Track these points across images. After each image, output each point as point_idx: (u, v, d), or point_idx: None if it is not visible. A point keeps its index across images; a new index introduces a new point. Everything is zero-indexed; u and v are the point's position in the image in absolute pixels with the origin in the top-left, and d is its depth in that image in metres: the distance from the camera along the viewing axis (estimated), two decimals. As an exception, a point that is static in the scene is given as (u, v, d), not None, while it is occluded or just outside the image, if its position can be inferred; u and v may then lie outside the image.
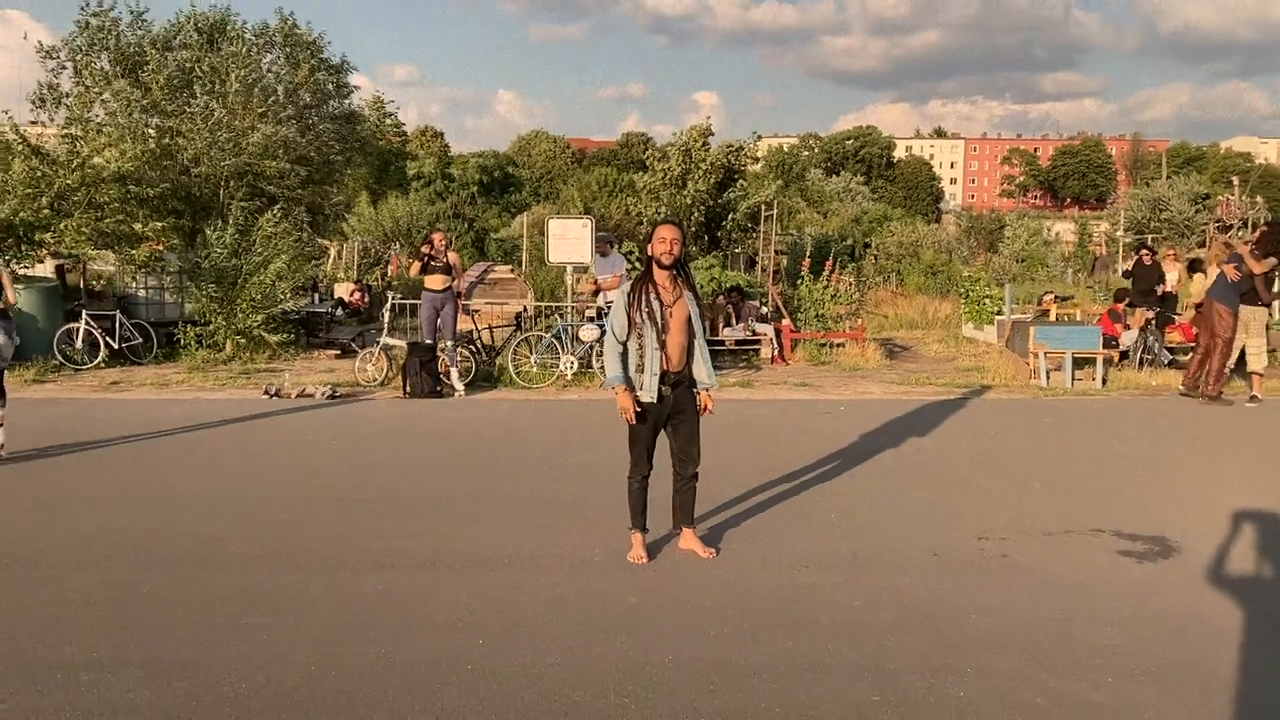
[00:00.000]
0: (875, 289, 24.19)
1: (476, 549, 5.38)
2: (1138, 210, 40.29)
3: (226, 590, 4.70)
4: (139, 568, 5.04)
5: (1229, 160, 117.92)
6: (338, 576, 4.90)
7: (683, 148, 24.68)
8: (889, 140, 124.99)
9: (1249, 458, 8.06)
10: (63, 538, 5.55)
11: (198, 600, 4.57)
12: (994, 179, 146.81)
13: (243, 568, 5.03)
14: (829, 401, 10.71)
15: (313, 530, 5.71)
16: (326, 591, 4.69)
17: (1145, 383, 11.82)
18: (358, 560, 5.15)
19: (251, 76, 15.24)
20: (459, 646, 4.04)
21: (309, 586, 4.76)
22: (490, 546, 5.42)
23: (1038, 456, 8.00)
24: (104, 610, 4.44)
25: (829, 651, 4.04)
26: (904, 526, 5.89)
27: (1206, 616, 4.49)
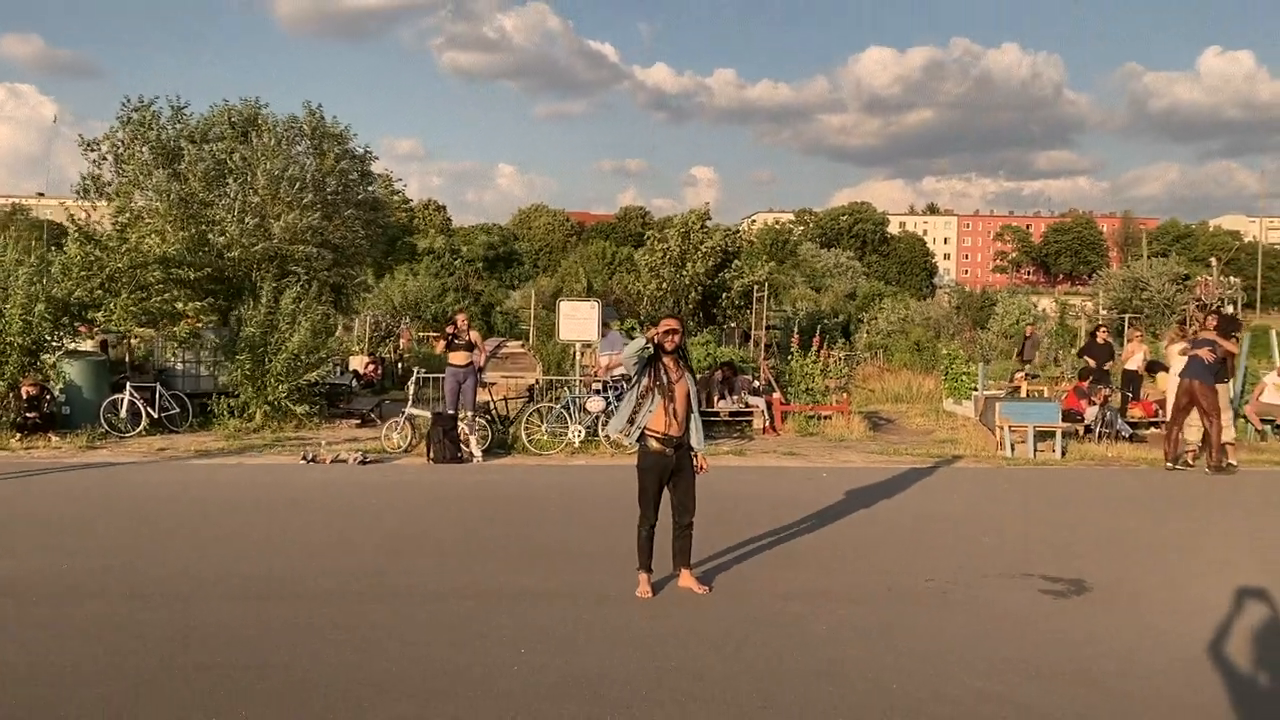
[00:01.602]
0: (864, 364, 25.42)
1: (522, 584, 6.49)
2: (1120, 290, 41.77)
3: (331, 595, 5.79)
4: (283, 599, 6.13)
5: (1218, 238, 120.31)
6: (413, 602, 5.98)
7: (682, 229, 26.14)
8: (883, 216, 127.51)
9: (1170, 510, 9.18)
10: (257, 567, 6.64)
11: (318, 594, 5.65)
12: (987, 255, 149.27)
13: (343, 589, 6.12)
14: (814, 469, 11.83)
15: (395, 570, 6.80)
16: (410, 611, 5.78)
17: (1101, 454, 12.98)
18: (434, 590, 6.25)
19: (280, 168, 16.61)
20: (511, 656, 5.13)
21: (396, 609, 5.85)
22: (531, 583, 6.52)
23: (990, 516, 9.12)
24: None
25: (798, 661, 5.13)
26: (867, 570, 6.99)
27: (1100, 637, 5.58)
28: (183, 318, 15.19)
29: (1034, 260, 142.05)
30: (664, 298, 25.22)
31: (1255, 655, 5.33)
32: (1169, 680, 4.96)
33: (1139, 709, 4.59)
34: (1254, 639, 5.62)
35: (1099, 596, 6.43)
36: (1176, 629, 5.78)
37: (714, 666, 5.04)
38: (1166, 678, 4.99)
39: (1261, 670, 5.10)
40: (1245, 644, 5.52)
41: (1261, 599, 6.42)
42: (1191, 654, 5.34)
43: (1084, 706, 4.59)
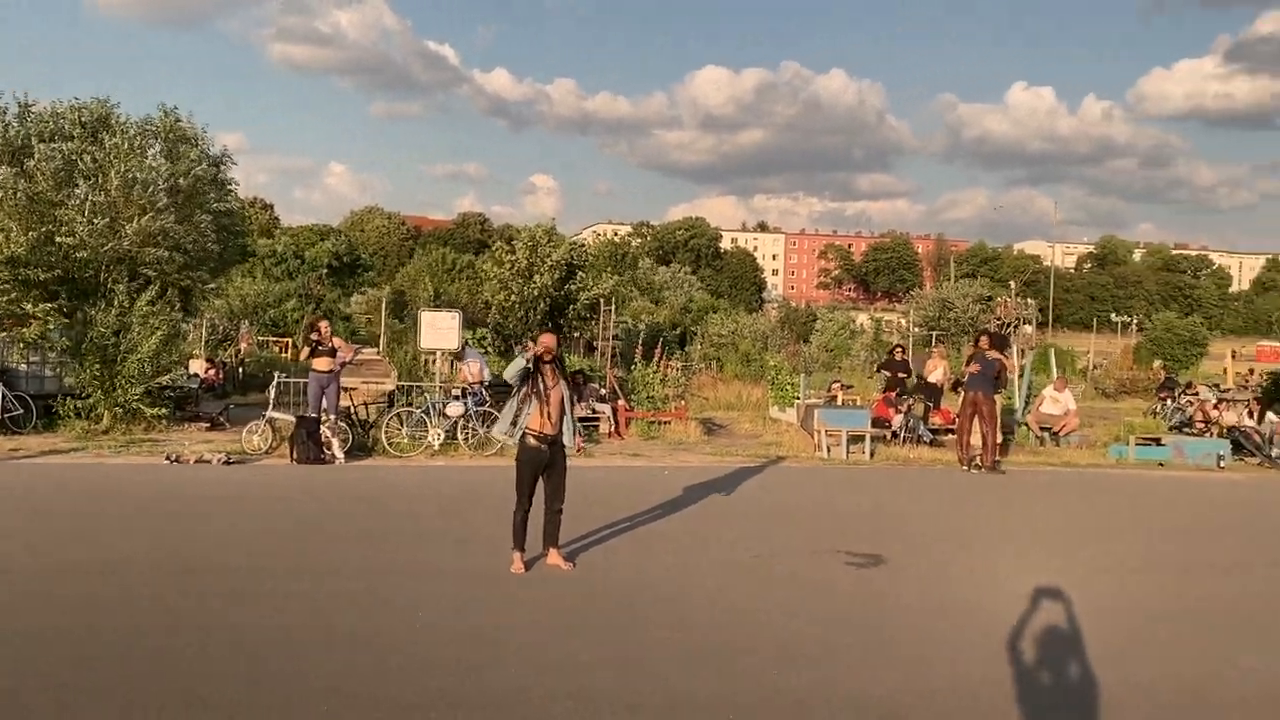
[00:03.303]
0: (699, 374, 27.05)
1: (410, 563, 7.39)
2: (929, 309, 45.34)
3: (249, 571, 6.52)
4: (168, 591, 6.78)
5: (1021, 261, 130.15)
6: (312, 579, 6.78)
7: (530, 242, 27.12)
8: (716, 232, 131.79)
9: (956, 502, 10.90)
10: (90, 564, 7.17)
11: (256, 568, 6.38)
12: (812, 272, 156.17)
13: (247, 567, 6.84)
14: (656, 468, 13.07)
15: (295, 551, 7.53)
16: (313, 589, 6.57)
17: (904, 456, 14.81)
18: (336, 568, 7.04)
19: (133, 170, 16.58)
20: (411, 618, 6.07)
21: (304, 583, 6.63)
22: (418, 562, 7.43)
23: (807, 505, 10.60)
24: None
25: (646, 617, 6.28)
26: (704, 548, 8.25)
27: (890, 595, 6.99)
28: (30, 319, 15.05)
29: (855, 278, 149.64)
30: (513, 308, 26.14)
31: (1023, 614, 6.84)
32: (947, 625, 6.39)
33: (919, 648, 5.97)
34: (1023, 602, 7.15)
35: (892, 566, 7.89)
36: (956, 591, 7.28)
37: (577, 624, 6.13)
38: (945, 626, 6.42)
39: (1027, 624, 6.59)
40: (1016, 606, 7.03)
41: (1029, 571, 8.04)
42: (966, 611, 6.82)
43: (876, 643, 5.94)
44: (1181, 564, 8.62)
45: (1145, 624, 6.60)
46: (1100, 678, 5.40)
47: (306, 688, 4.90)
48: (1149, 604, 7.15)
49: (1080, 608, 6.70)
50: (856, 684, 5.25)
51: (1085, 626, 6.30)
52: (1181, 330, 43.82)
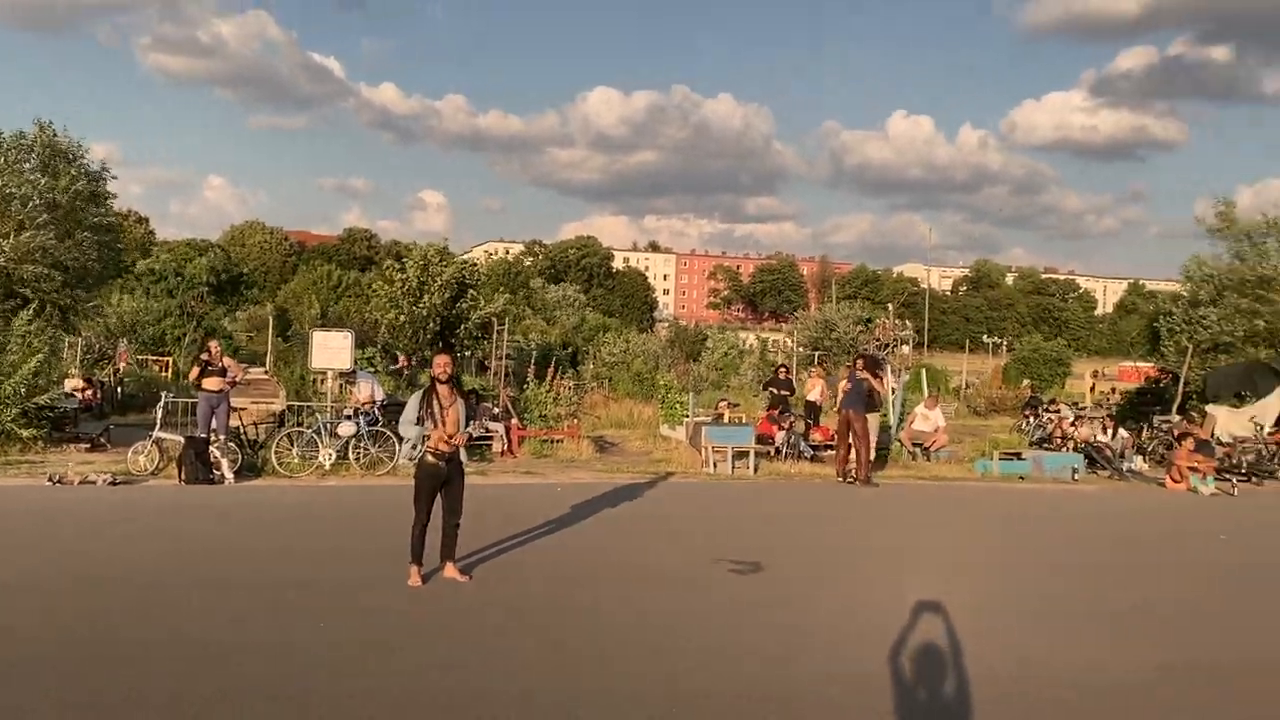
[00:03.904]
0: (591, 393, 27.46)
1: (311, 578, 7.56)
2: (813, 329, 46.81)
3: (160, 585, 6.61)
4: (39, 599, 6.80)
5: (900, 284, 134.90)
6: (213, 593, 6.91)
7: (421, 261, 27.13)
8: (608, 251, 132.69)
9: (832, 513, 11.58)
10: None
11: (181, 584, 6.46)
12: (702, 292, 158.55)
13: (163, 581, 6.92)
14: (550, 485, 13.41)
15: (203, 566, 7.61)
16: (213, 604, 6.71)
17: (786, 471, 15.51)
18: (247, 583, 7.17)
19: (10, 188, 16.19)
20: (314, 627, 6.29)
21: (216, 596, 6.75)
22: (319, 577, 7.61)
23: (694, 517, 11.11)
24: None
25: (538, 625, 6.64)
26: (594, 560, 8.65)
27: (769, 600, 7.52)
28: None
29: (743, 298, 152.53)
30: (403, 327, 26.09)
31: (890, 613, 7.43)
32: (820, 625, 6.93)
33: (788, 646, 6.50)
34: (892, 603, 7.76)
35: (770, 573, 8.44)
36: (829, 594, 7.85)
37: (473, 631, 6.46)
38: (817, 625, 6.96)
39: (894, 622, 7.18)
40: (884, 606, 7.63)
41: (897, 574, 8.68)
42: (838, 612, 7.38)
43: (749, 642, 6.44)
44: (1035, 566, 9.41)
45: (1002, 620, 7.28)
46: (960, 667, 6.01)
47: (209, 694, 5.11)
48: (1006, 602, 7.85)
49: (943, 606, 7.34)
50: (727, 678, 5.72)
51: (948, 622, 6.92)
52: (1047, 351, 46.33)
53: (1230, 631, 7.26)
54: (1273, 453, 17.41)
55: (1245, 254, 22.96)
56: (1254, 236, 22.90)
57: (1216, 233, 23.56)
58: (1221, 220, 23.41)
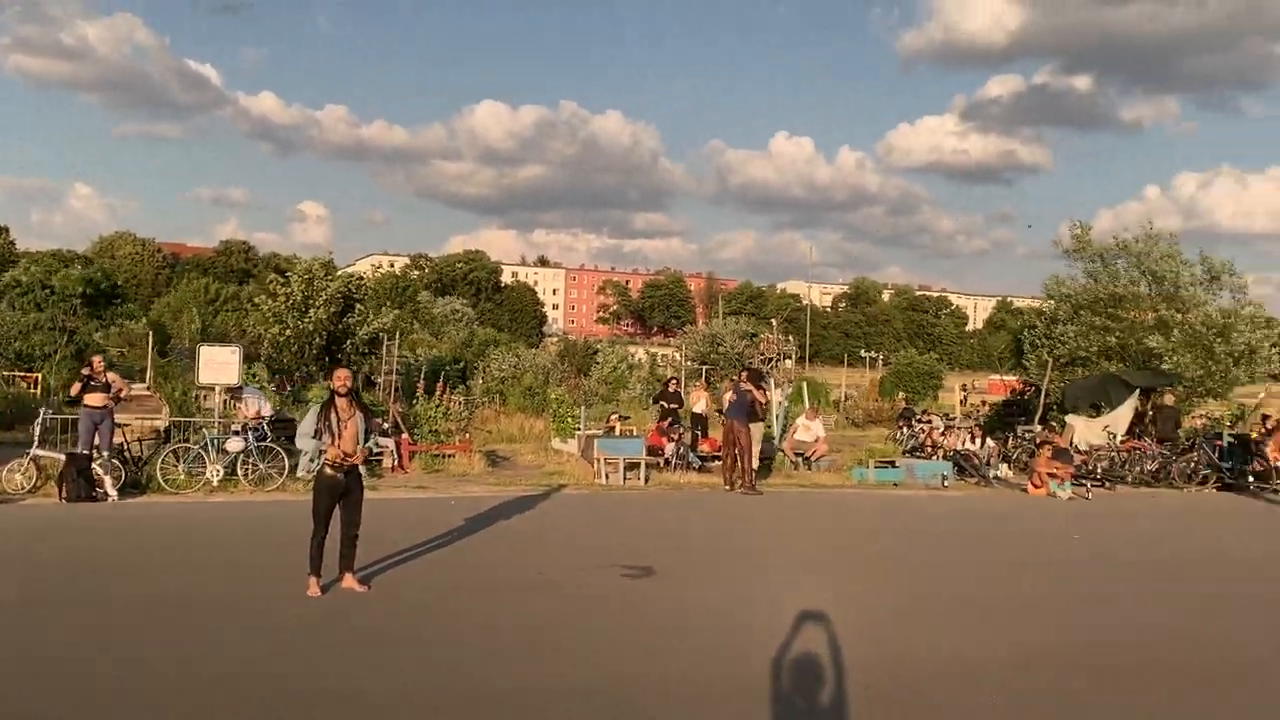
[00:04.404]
0: (482, 408, 27.48)
1: (205, 593, 7.59)
2: (701, 344, 47.70)
3: (61, 603, 6.55)
4: None
5: (783, 300, 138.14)
6: (104, 610, 6.89)
7: (305, 275, 26.74)
8: (497, 265, 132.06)
9: (719, 520, 12.08)
10: None
11: None
12: (591, 307, 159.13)
13: (32, 600, 6.84)
14: (443, 499, 13.53)
15: (84, 585, 7.53)
16: (108, 620, 6.70)
17: (676, 481, 15.99)
18: (135, 600, 7.15)
19: None
20: (217, 641, 6.38)
21: (103, 617, 6.73)
22: (217, 592, 7.65)
23: (587, 527, 11.44)
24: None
25: (441, 627, 6.87)
26: (491, 568, 8.91)
27: (658, 601, 7.90)
28: None
29: (632, 313, 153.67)
30: (287, 343, 25.66)
31: (774, 608, 7.90)
32: (707, 622, 7.34)
33: (680, 641, 6.89)
34: (775, 600, 8.23)
35: (661, 576, 8.84)
36: (717, 594, 8.29)
37: (376, 635, 6.66)
38: (704, 623, 7.37)
39: (778, 617, 7.64)
40: (768, 602, 8.09)
41: (780, 575, 9.18)
42: (724, 611, 7.81)
43: (644, 639, 6.80)
44: (906, 565, 10.05)
45: (877, 613, 7.83)
46: (838, 658, 6.50)
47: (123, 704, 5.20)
48: (880, 598, 8.43)
49: (822, 602, 7.85)
50: (629, 674, 6.08)
51: (826, 616, 7.42)
52: (921, 365, 48.29)
53: (1081, 618, 7.98)
54: (1124, 460, 18.70)
55: (1099, 274, 24.63)
56: (1106, 258, 24.59)
57: (1074, 254, 25.21)
58: (1078, 242, 25.07)
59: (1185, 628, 7.80)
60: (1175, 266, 23.16)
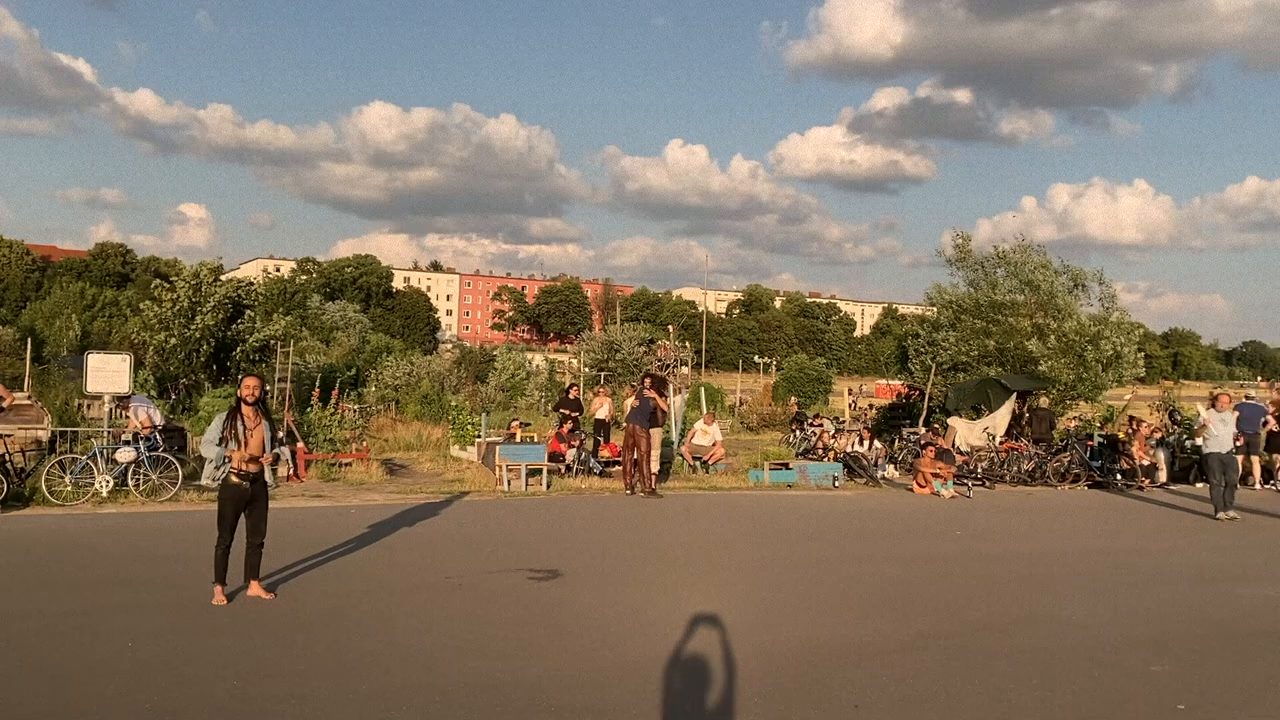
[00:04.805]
0: (378, 415, 27.18)
1: (107, 604, 7.47)
2: (599, 350, 47.97)
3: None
4: None
5: (679, 306, 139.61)
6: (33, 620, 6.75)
7: (193, 281, 26.02)
8: (388, 270, 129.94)
9: (621, 523, 12.35)
10: None
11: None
12: (486, 313, 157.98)
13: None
14: (342, 507, 13.44)
15: None
16: None
17: (577, 486, 16.19)
18: (31, 612, 7.00)
19: None
20: (123, 648, 6.32)
21: None
22: (118, 603, 7.53)
23: (492, 533, 11.56)
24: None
25: (351, 630, 6.94)
26: (398, 574, 8.97)
27: (567, 602, 8.11)
28: None
29: (528, 320, 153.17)
30: (174, 350, 24.91)
31: (675, 605, 8.17)
32: (614, 619, 7.58)
33: (589, 638, 7.10)
34: (676, 597, 8.50)
35: (567, 578, 9.05)
36: (621, 593, 8.53)
37: (285, 640, 6.70)
38: (612, 620, 7.61)
39: (678, 612, 7.91)
40: (670, 599, 8.36)
41: (681, 573, 9.47)
42: (630, 609, 8.06)
43: (556, 637, 7.01)
44: (801, 561, 10.47)
45: (773, 607, 8.19)
46: (740, 646, 6.81)
47: (26, 716, 5.15)
48: (776, 592, 8.80)
49: (721, 598, 8.18)
50: (539, 669, 6.28)
51: (724, 611, 7.75)
52: (810, 370, 49.59)
53: (963, 605, 8.49)
54: (1002, 460, 19.68)
55: (979, 282, 25.83)
56: (986, 267, 25.81)
57: (955, 263, 26.39)
58: (959, 252, 26.25)
59: (1057, 613, 8.39)
60: (1049, 276, 24.46)
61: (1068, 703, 6.01)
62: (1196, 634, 7.83)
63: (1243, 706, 6.10)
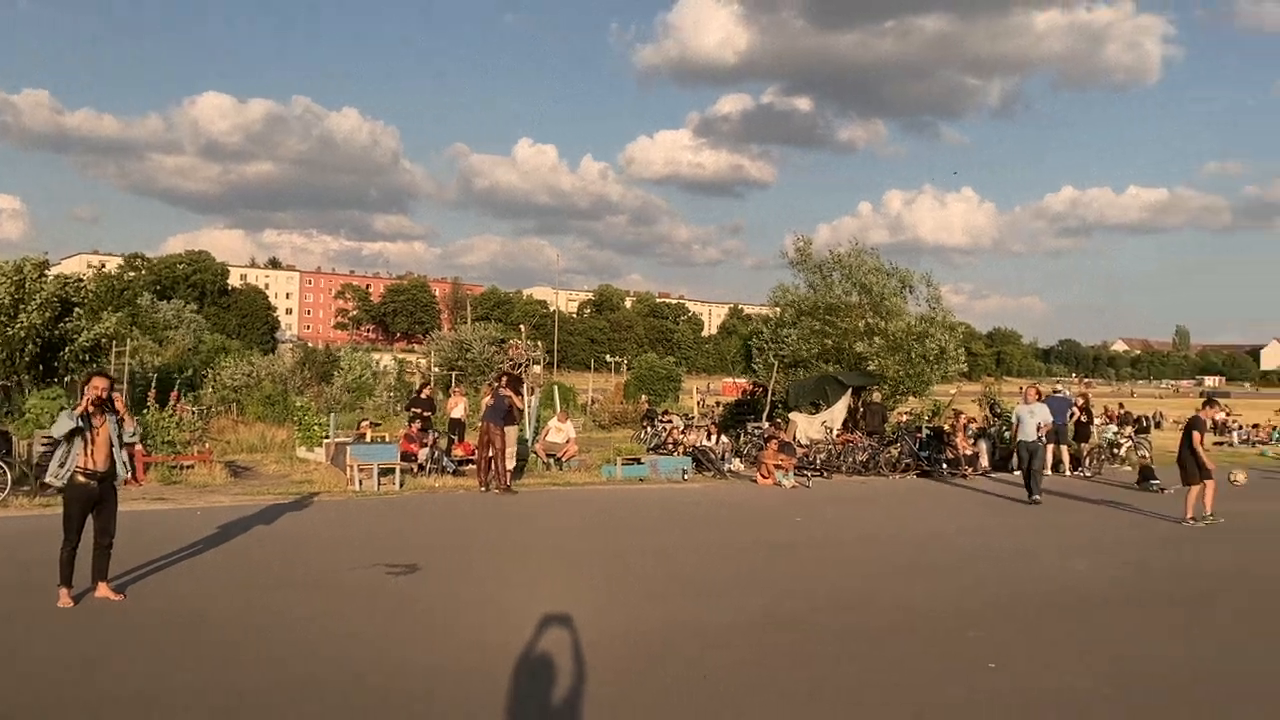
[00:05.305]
0: (218, 417, 26.25)
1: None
2: (449, 350, 47.51)
3: None
4: None
5: (530, 306, 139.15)
6: None
7: (15, 276, 24.49)
8: (223, 267, 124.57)
9: (477, 519, 12.55)
10: None
11: None
12: (329, 312, 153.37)
13: None
14: (187, 509, 13.09)
15: None
16: None
17: (430, 485, 16.22)
18: None
19: None
20: None
21: None
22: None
23: (347, 532, 11.56)
24: None
25: (209, 626, 6.94)
26: (253, 574, 8.93)
27: (427, 592, 8.28)
28: None
29: (374, 319, 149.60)
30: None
31: (533, 592, 8.44)
32: (472, 609, 7.80)
33: (449, 627, 7.31)
34: (534, 585, 8.77)
35: (426, 572, 9.21)
36: (479, 585, 8.75)
37: (141, 641, 6.65)
38: (470, 609, 7.83)
39: (536, 599, 8.18)
40: (528, 588, 8.63)
41: (537, 564, 9.75)
42: (486, 600, 8.29)
43: (420, 628, 7.18)
44: (653, 550, 10.92)
45: (627, 594, 8.59)
46: (598, 631, 7.16)
47: None
48: (631, 581, 9.21)
49: (579, 587, 8.52)
50: (398, 659, 6.47)
51: (585, 598, 8.09)
52: (660, 369, 50.53)
53: (805, 585, 9.12)
54: (839, 452, 20.78)
55: (817, 284, 27.10)
56: (824, 269, 27.10)
57: (797, 265, 27.59)
58: (800, 254, 27.46)
59: (887, 590, 9.12)
60: (881, 279, 25.91)
61: (894, 667, 6.64)
62: (1007, 604, 8.69)
63: (1043, 661, 6.87)
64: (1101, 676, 6.55)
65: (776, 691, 6.09)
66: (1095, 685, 6.36)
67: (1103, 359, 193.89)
